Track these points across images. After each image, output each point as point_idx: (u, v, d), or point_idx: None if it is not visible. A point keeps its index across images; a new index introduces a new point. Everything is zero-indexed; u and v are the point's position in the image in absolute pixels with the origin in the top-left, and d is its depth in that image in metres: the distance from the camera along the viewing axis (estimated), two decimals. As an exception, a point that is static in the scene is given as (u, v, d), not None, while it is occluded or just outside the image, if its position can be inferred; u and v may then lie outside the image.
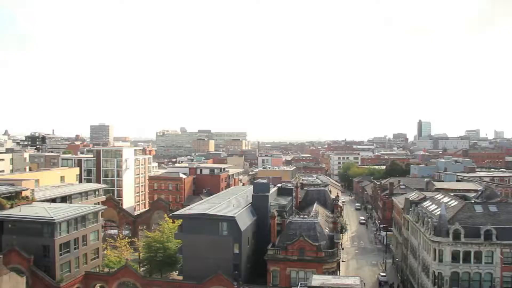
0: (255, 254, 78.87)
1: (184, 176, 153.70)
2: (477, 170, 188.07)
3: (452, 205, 77.08)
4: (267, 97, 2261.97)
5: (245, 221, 76.78)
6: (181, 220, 79.43)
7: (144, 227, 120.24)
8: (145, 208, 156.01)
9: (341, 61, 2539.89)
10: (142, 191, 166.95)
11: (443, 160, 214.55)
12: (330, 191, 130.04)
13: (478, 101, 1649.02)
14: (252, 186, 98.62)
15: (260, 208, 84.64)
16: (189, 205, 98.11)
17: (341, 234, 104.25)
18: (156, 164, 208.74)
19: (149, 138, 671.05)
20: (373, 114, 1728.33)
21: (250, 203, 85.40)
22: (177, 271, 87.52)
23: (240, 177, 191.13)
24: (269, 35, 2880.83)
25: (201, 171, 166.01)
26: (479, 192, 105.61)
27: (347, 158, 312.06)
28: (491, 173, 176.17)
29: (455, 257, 67.54)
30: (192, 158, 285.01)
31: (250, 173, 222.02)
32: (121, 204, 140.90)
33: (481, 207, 73.81)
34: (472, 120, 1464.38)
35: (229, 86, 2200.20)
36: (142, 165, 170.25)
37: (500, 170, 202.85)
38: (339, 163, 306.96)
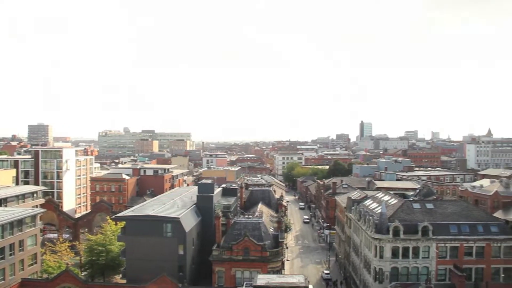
0: (200, 255, 78.49)
1: (127, 177, 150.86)
2: (415, 169, 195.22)
3: (392, 203, 79.75)
4: (211, 98, 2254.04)
5: (189, 222, 76.23)
6: (124, 222, 77.97)
7: (86, 230, 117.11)
8: (86, 210, 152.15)
9: (285, 62, 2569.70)
10: (83, 193, 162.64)
11: (384, 160, 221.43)
12: (275, 191, 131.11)
13: (417, 103, 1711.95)
14: (196, 187, 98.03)
15: (204, 209, 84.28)
16: (132, 206, 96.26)
17: (286, 233, 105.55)
18: (98, 165, 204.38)
19: (91, 139, 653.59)
20: (316, 115, 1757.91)
21: (194, 204, 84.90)
22: (120, 275, 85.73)
23: (185, 177, 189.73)
24: (211, 35, 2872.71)
25: (144, 172, 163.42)
26: (417, 191, 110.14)
27: (291, 158, 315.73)
28: (428, 172, 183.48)
29: (395, 253, 69.91)
30: (135, 158, 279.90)
31: (195, 173, 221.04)
32: (61, 207, 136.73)
33: (419, 205, 77.10)
34: (411, 121, 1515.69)
35: (173, 86, 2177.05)
36: (83, 166, 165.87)
37: (436, 169, 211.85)
38: (283, 163, 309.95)
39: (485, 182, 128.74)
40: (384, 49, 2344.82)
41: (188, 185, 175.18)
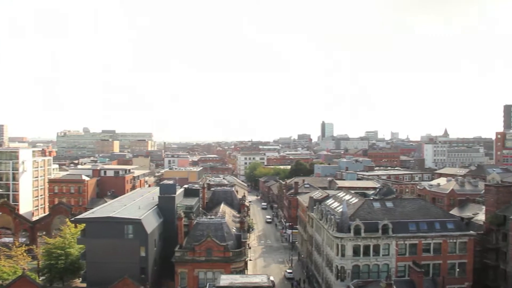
0: (163, 256, 77.77)
1: (87, 178, 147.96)
2: (375, 168, 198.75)
3: (353, 202, 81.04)
4: (172, 97, 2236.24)
5: (151, 223, 75.45)
6: (84, 224, 76.42)
7: (44, 233, 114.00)
8: (44, 213, 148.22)
9: (247, 62, 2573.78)
10: (41, 195, 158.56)
11: (345, 160, 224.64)
12: (237, 191, 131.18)
13: (376, 104, 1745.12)
14: (158, 188, 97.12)
15: (166, 210, 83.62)
16: (92, 208, 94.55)
17: (248, 234, 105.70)
18: (56, 166, 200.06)
19: (49, 139, 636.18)
20: (278, 115, 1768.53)
21: (156, 205, 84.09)
22: (80, 278, 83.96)
23: (146, 178, 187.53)
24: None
25: (105, 172, 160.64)
26: (377, 190, 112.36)
27: (253, 158, 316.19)
28: (387, 172, 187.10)
29: (356, 251, 71.10)
30: (95, 159, 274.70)
31: (156, 174, 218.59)
32: (18, 210, 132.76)
33: (379, 204, 78.75)
34: (371, 121, 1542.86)
35: (133, 86, 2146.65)
36: (41, 167, 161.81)
37: (396, 168, 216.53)
38: (245, 163, 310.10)
39: (442, 180, 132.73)
40: (343, 51, 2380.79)
41: (149, 186, 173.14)
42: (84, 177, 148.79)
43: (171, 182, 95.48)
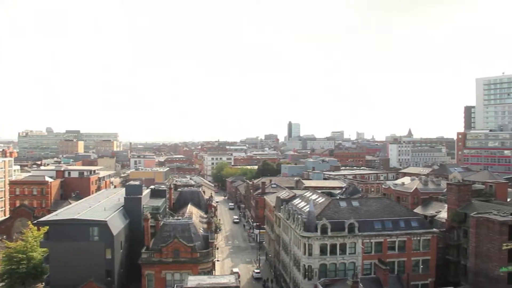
0: (129, 258, 76.74)
1: (50, 180, 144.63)
2: (341, 168, 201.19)
3: (320, 201, 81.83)
4: (138, 97, 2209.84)
5: (117, 225, 74.33)
6: (47, 227, 74.74)
7: (4, 237, 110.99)
8: (5, 215, 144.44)
9: (214, 62, 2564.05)
10: (1, 197, 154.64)
11: (311, 160, 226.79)
12: (204, 192, 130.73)
13: (342, 104, 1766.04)
14: (124, 189, 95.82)
15: (133, 211, 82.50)
16: (56, 210, 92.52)
17: (216, 234, 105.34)
18: (18, 167, 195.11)
19: (9, 139, 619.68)
20: (245, 115, 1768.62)
21: (122, 206, 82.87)
22: (43, 283, 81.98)
23: (112, 179, 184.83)
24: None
25: (69, 173, 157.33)
26: (343, 189, 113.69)
27: (220, 158, 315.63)
28: (353, 171, 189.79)
29: (323, 250, 71.82)
30: (59, 160, 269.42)
31: (122, 175, 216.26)
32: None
33: (345, 203, 79.85)
34: (338, 122, 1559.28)
35: (99, 85, 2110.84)
36: (1, 168, 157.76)
37: (361, 168, 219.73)
38: (212, 163, 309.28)
39: (406, 180, 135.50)
40: (312, 50, 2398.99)
41: (115, 187, 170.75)
42: (47, 179, 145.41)
43: (137, 182, 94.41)
